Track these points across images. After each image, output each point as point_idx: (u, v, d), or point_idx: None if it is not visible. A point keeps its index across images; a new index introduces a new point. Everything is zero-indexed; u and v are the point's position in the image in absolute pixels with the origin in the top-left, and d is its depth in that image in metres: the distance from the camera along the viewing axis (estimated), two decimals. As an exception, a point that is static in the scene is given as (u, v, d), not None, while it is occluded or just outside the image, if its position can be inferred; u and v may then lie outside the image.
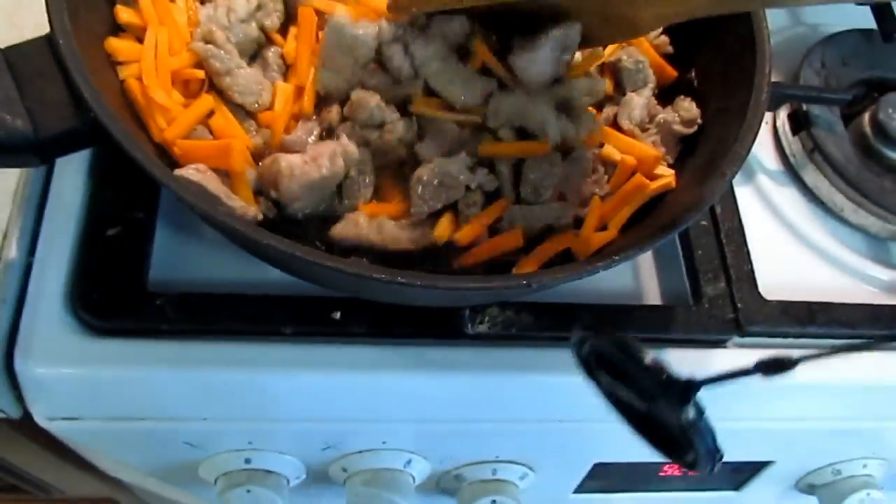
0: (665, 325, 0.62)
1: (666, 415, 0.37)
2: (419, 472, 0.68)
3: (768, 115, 0.78)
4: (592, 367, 0.40)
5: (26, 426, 0.60)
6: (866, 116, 0.75)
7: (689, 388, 0.36)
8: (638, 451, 0.70)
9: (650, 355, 0.37)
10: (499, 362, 0.59)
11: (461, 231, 0.53)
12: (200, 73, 0.54)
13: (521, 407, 0.62)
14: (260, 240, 0.43)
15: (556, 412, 0.64)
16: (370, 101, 0.53)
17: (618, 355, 0.38)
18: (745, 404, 0.65)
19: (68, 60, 0.46)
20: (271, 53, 0.58)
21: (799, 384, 0.64)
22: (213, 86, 0.56)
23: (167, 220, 0.60)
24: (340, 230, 0.52)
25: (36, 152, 0.47)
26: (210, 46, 0.54)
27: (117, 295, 0.56)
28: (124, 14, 0.55)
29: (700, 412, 0.37)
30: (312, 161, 0.50)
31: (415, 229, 0.53)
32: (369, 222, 0.52)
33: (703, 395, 0.62)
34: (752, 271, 0.65)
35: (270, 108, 0.56)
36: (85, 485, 0.98)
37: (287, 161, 0.50)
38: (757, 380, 0.37)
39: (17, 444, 0.74)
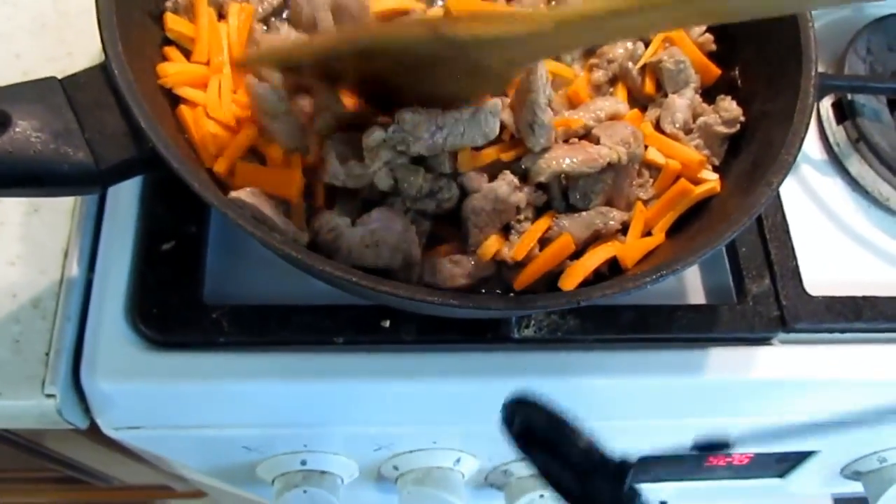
0: (709, 324, 0.63)
1: (601, 494, 0.37)
2: (468, 470, 0.70)
3: (812, 105, 0.77)
4: (525, 442, 0.39)
5: (92, 432, 0.63)
6: (914, 104, 0.74)
7: (623, 469, 0.36)
8: (683, 445, 0.72)
9: (585, 434, 0.37)
10: (545, 365, 0.60)
11: (515, 248, 0.53)
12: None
13: (568, 407, 0.63)
14: (316, 266, 0.44)
15: (601, 412, 0.64)
16: (417, 177, 0.52)
17: (551, 431, 0.37)
18: (790, 399, 0.66)
19: (125, 92, 0.47)
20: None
21: (843, 379, 0.64)
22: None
23: (218, 233, 0.62)
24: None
25: (97, 182, 0.48)
26: (265, 85, 0.54)
27: (175, 309, 0.58)
28: (173, 22, 0.56)
29: (635, 493, 0.36)
30: (374, 246, 0.50)
31: (468, 262, 0.53)
32: (422, 262, 0.53)
33: (745, 391, 0.63)
34: (796, 267, 0.65)
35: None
36: (141, 474, 1.02)
37: (347, 242, 0.50)
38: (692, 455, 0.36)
39: (82, 445, 0.77)
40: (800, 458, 0.79)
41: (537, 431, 0.39)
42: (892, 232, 0.72)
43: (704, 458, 0.78)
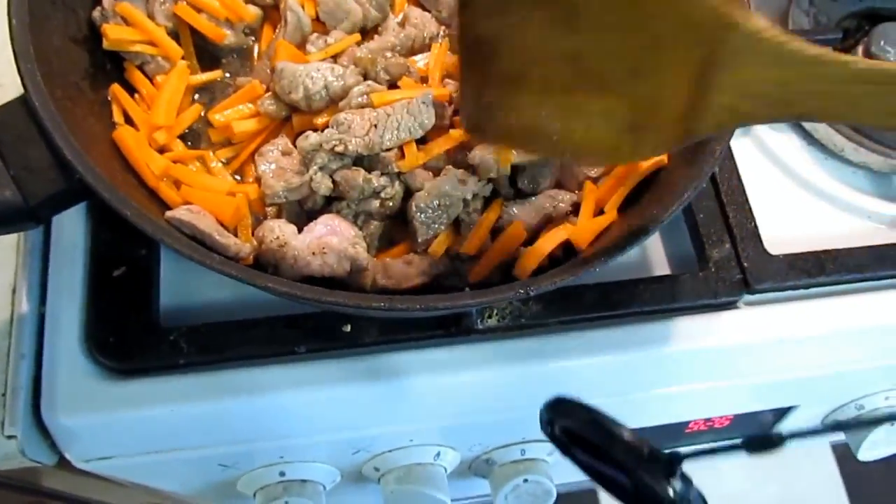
0: (672, 294, 0.62)
1: (653, 488, 0.37)
2: (450, 462, 0.70)
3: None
4: (567, 444, 0.39)
5: (67, 464, 0.62)
6: (859, 51, 0.73)
7: (673, 462, 0.36)
8: (662, 416, 0.72)
9: (628, 431, 0.37)
10: (511, 353, 0.60)
11: (467, 242, 0.53)
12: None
13: (539, 392, 0.63)
14: (257, 283, 0.44)
15: (574, 392, 0.64)
16: (357, 178, 0.51)
17: (593, 431, 0.38)
18: (759, 360, 0.66)
19: (47, 123, 0.46)
20: None
21: (810, 335, 0.64)
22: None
23: (169, 253, 0.61)
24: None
25: (30, 218, 0.47)
26: None
27: (132, 335, 0.57)
28: (112, 31, 0.55)
29: (688, 482, 0.37)
30: (321, 253, 0.49)
31: (422, 261, 0.52)
32: (374, 265, 0.52)
33: (715, 357, 0.63)
34: (755, 228, 0.65)
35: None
36: (136, 496, 1.01)
37: (293, 251, 0.49)
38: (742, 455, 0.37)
39: (60, 477, 0.76)
40: (779, 414, 0.80)
41: (579, 433, 0.39)
42: (848, 182, 0.72)
43: (685, 426, 0.78)
